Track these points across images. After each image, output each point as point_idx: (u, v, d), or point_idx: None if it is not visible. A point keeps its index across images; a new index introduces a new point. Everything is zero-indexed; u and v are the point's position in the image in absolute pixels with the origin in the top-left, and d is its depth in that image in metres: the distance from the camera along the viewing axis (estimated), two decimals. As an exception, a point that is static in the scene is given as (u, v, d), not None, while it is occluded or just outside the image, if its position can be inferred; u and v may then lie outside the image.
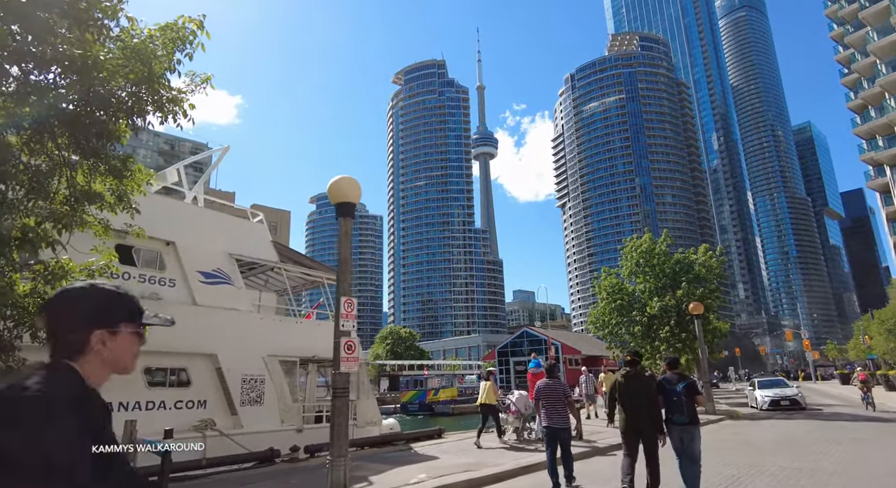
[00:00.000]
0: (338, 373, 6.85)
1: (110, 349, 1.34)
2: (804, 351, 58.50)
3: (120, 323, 1.37)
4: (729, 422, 17.24)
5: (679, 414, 6.46)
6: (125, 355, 1.38)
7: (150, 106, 5.39)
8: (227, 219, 13.08)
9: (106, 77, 4.75)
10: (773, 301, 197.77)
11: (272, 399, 11.89)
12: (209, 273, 11.52)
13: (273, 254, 13.20)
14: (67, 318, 1.34)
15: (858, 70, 46.38)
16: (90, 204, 5.75)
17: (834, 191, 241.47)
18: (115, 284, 1.43)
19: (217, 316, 11.36)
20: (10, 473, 1.04)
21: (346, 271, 7.21)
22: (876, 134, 44.11)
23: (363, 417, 13.79)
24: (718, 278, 25.30)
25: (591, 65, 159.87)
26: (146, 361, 10.18)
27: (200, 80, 6.32)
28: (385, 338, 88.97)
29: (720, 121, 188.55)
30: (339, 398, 6.61)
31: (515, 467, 9.22)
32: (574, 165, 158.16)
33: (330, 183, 6.97)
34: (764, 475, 8.20)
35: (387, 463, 9.87)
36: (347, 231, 7.20)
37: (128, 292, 1.43)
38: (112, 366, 1.37)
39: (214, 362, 11.16)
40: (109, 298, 1.39)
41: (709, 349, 23.31)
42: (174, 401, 10.50)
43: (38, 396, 1.14)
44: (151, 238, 10.82)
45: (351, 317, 7.26)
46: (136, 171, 6.29)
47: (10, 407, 1.11)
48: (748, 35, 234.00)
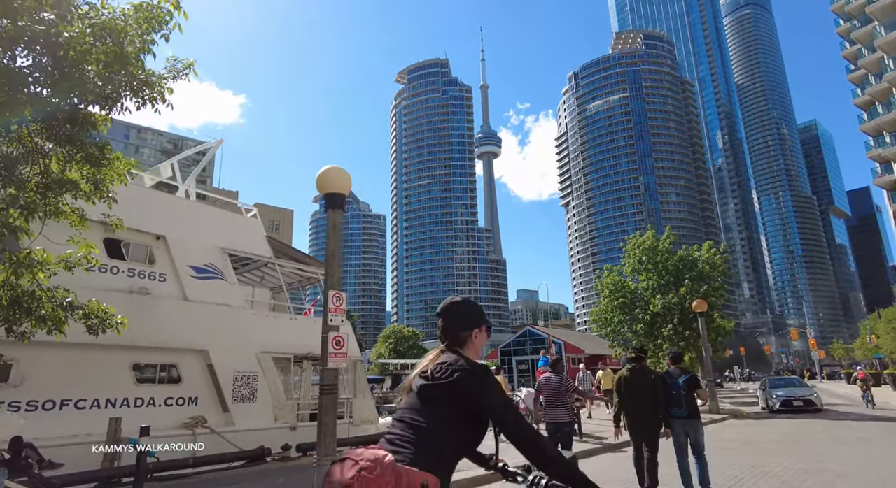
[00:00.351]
0: (326, 369, 6.62)
1: (477, 341, 2.15)
2: (810, 350, 58.03)
3: (483, 324, 2.17)
4: (733, 421, 16.97)
5: (678, 408, 6.38)
6: (481, 345, 2.18)
7: (124, 89, 5.15)
8: (220, 213, 12.87)
9: (73, 57, 4.52)
10: (779, 300, 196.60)
11: (265, 396, 11.67)
12: (201, 268, 11.31)
13: (267, 249, 12.98)
14: (458, 321, 2.15)
15: (865, 66, 45.89)
16: (63, 192, 5.53)
17: (840, 189, 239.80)
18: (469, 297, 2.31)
19: (209, 311, 11.15)
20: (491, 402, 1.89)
21: (335, 265, 6.96)
22: (883, 130, 43.63)
23: (359, 416, 13.56)
24: (722, 276, 24.96)
25: (595, 63, 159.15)
26: (134, 357, 9.97)
27: (183, 66, 6.10)
28: (388, 336, 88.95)
29: (725, 119, 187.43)
30: (327, 395, 6.39)
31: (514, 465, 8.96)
32: (578, 164, 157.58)
33: (318, 173, 6.73)
34: (768, 476, 7.94)
35: (380, 462, 9.65)
36: (336, 223, 6.96)
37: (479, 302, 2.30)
38: (475, 353, 2.13)
39: (206, 358, 10.94)
40: (476, 308, 2.21)
41: (712, 347, 22.99)
42: (164, 398, 10.28)
43: (482, 366, 1.99)
44: (141, 232, 10.68)
45: (339, 311, 7.00)
46: (115, 160, 6.07)
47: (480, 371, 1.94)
48: (753, 33, 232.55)
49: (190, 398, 10.68)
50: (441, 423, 1.85)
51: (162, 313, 10.42)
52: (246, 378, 11.44)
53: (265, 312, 13.02)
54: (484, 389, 1.90)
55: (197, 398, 10.77)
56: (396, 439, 1.84)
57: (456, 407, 1.87)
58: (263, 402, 11.63)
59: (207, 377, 11.01)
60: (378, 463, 1.64)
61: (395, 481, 1.63)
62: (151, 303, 10.32)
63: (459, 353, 2.04)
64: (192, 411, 10.53)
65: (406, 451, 1.77)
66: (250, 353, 11.64)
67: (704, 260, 24.61)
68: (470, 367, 1.93)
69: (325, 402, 6.30)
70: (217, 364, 10.98)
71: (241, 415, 11.10)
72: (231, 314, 11.57)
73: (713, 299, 23.46)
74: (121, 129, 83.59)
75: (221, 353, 11.10)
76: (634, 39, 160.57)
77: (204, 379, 10.97)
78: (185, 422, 10.23)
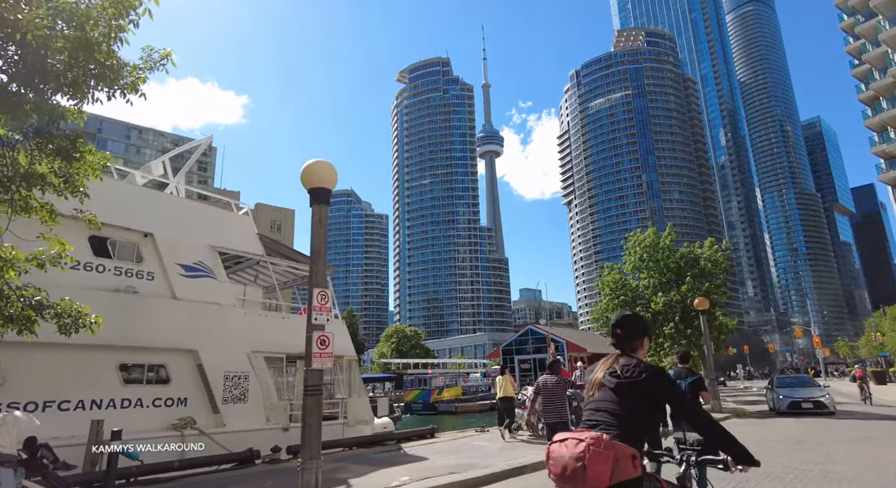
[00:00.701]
0: (310, 370, 6.39)
1: (644, 347, 2.77)
2: (814, 348, 57.60)
3: (650, 334, 2.84)
4: (735, 421, 16.67)
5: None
6: (646, 350, 2.78)
7: (89, 76, 4.92)
8: (210, 210, 12.66)
9: (30, 40, 4.29)
10: (783, 298, 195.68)
11: (257, 396, 11.46)
12: (190, 266, 11.10)
13: (259, 247, 12.76)
14: (632, 332, 2.74)
15: (869, 61, 45.41)
16: (30, 186, 5.31)
17: (844, 186, 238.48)
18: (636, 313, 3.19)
19: (198, 310, 10.94)
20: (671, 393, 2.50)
21: (320, 262, 6.72)
22: (888, 126, 43.18)
23: (354, 416, 13.35)
24: (724, 273, 24.63)
25: (597, 61, 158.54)
26: (121, 357, 9.77)
27: (160, 56, 5.88)
28: (390, 336, 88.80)
29: (728, 116, 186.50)
30: (312, 396, 6.17)
31: (507, 468, 8.72)
32: (580, 162, 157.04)
33: (304, 166, 6.49)
34: (770, 477, 7.67)
35: (372, 464, 9.42)
36: (321, 218, 6.72)
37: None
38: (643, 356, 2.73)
39: (195, 358, 10.74)
40: (644, 321, 2.87)
41: (715, 346, 22.68)
42: (152, 399, 10.08)
43: (660, 367, 2.64)
44: (128, 229, 10.47)
45: (325, 309, 6.76)
46: (87, 153, 5.84)
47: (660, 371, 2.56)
48: (756, 29, 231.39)
49: (179, 399, 10.49)
50: (635, 410, 2.46)
51: (150, 312, 10.21)
52: (237, 378, 11.24)
53: (257, 311, 12.81)
54: (664, 384, 2.51)
55: (186, 399, 10.57)
56: (601, 424, 2.45)
57: (645, 398, 2.49)
58: (255, 403, 11.43)
59: (197, 377, 10.81)
60: (600, 440, 2.23)
61: (615, 453, 2.21)
62: (139, 302, 10.12)
63: (634, 357, 2.66)
64: (180, 412, 10.34)
65: (613, 432, 2.36)
66: (241, 353, 11.44)
67: (706, 257, 24.28)
68: (652, 368, 2.54)
69: (310, 404, 6.11)
70: (207, 364, 10.79)
71: (231, 416, 10.90)
72: (221, 313, 11.37)
73: (715, 297, 23.14)
74: (122, 130, 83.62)
75: (211, 353, 10.90)
76: (636, 37, 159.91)
77: (193, 380, 10.77)
78: (173, 424, 10.04)
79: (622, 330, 2.74)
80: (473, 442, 11.89)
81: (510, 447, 11.17)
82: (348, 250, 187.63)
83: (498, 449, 10.75)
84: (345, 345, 14.10)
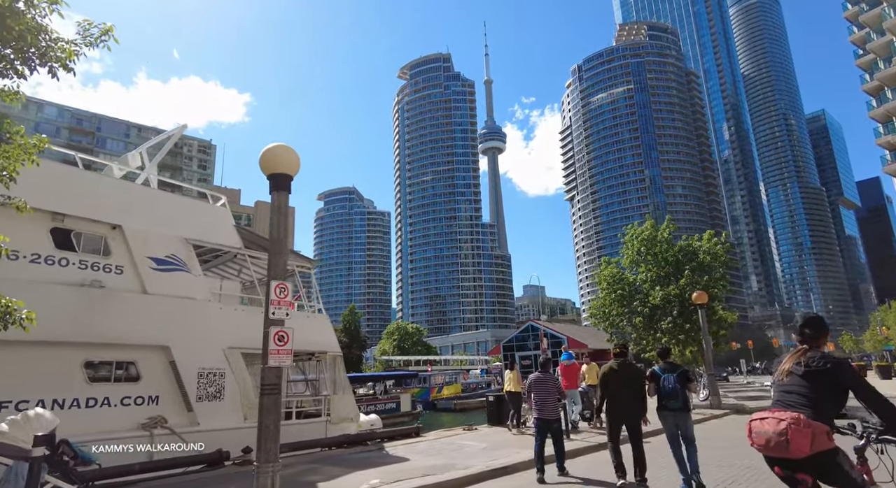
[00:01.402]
0: (267, 368, 5.99)
1: (825, 343, 3.28)
2: (818, 343, 56.88)
3: (828, 332, 3.31)
4: (735, 417, 16.19)
5: (674, 401, 6.80)
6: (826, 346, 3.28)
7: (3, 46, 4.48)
8: (184, 201, 12.24)
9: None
10: (787, 292, 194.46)
11: (234, 394, 11.05)
12: (162, 259, 10.67)
13: (236, 239, 12.31)
14: (818, 330, 3.28)
15: (874, 50, 44.61)
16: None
17: (849, 180, 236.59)
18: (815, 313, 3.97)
19: (170, 305, 10.52)
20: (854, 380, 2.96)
21: (281, 252, 6.27)
22: (893, 116, 42.43)
23: (337, 414, 12.93)
24: (724, 266, 24.04)
25: (599, 55, 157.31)
26: (87, 354, 9.35)
27: (100, 32, 5.46)
28: (392, 333, 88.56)
29: (731, 110, 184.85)
30: (268, 395, 5.79)
31: (486, 469, 8.28)
32: (582, 158, 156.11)
33: (263, 150, 6.08)
34: (767, 475, 7.20)
35: (347, 465, 8.99)
36: (280, 206, 6.28)
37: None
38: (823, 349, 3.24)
39: (167, 355, 10.32)
40: (824, 321, 3.40)
41: (714, 341, 22.14)
42: (120, 398, 9.66)
43: (844, 358, 3.40)
44: (94, 221, 10.05)
45: (284, 303, 6.31)
46: (16, 135, 5.40)
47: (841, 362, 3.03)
48: (759, 22, 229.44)
49: (150, 397, 10.08)
50: (822, 394, 2.96)
51: (118, 308, 9.80)
52: (212, 375, 10.83)
53: (234, 306, 12.37)
54: (847, 373, 2.96)
55: (158, 397, 10.17)
56: (794, 405, 2.97)
57: (832, 384, 2.97)
58: (231, 401, 11.02)
59: (169, 374, 10.40)
60: (799, 420, 2.79)
61: (812, 430, 2.76)
62: (106, 296, 9.71)
63: (819, 350, 3.18)
64: (151, 411, 9.93)
65: (807, 412, 2.86)
66: (217, 349, 11.02)
67: (705, 250, 23.71)
68: (836, 359, 3.04)
69: (266, 403, 5.76)
70: (180, 360, 10.37)
71: (206, 415, 10.49)
72: (195, 308, 10.95)
73: (714, 290, 22.59)
74: (121, 128, 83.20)
75: (185, 349, 10.48)
76: (638, 31, 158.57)
77: (166, 377, 10.36)
78: (142, 423, 9.63)
79: (811, 329, 3.28)
80: (458, 441, 11.45)
81: (499, 445, 10.72)
82: (350, 248, 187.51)
83: (482, 449, 10.29)
84: (329, 340, 13.69)
